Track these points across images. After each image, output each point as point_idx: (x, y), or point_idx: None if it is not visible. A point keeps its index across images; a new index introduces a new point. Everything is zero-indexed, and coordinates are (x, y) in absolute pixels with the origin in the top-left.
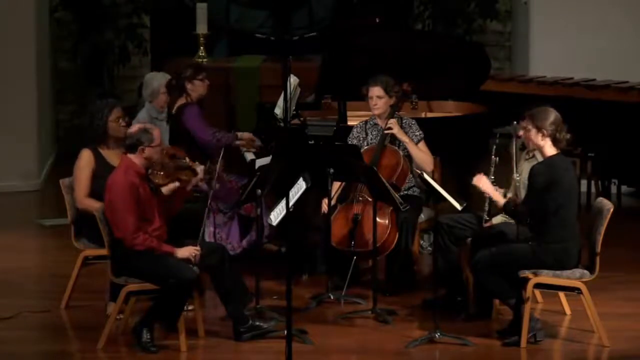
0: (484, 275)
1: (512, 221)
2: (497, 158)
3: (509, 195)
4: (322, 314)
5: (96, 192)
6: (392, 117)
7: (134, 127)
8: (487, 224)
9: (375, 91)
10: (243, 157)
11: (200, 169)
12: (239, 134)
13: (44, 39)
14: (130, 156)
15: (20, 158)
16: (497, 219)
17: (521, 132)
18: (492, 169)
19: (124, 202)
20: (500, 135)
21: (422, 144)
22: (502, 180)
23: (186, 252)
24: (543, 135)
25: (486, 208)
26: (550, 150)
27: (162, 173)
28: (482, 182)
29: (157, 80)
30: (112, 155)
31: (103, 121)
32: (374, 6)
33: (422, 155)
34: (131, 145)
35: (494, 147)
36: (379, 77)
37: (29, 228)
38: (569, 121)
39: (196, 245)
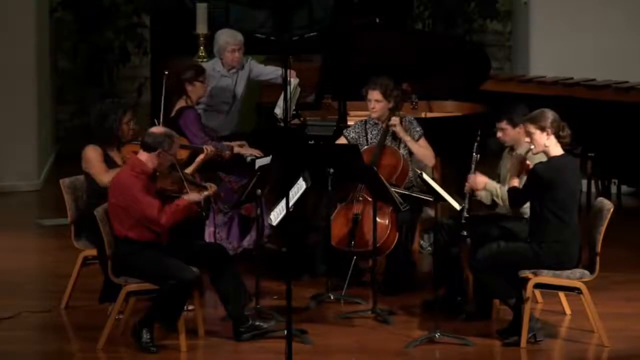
0: (484, 275)
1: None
2: (478, 155)
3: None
4: (322, 314)
5: (99, 190)
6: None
7: (159, 129)
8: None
9: (374, 95)
10: (243, 157)
11: (211, 187)
12: (235, 148)
13: (44, 39)
14: (142, 155)
15: (20, 158)
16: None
17: (499, 134)
18: (473, 167)
19: (139, 190)
20: (480, 134)
21: (422, 141)
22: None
23: (196, 195)
24: (547, 134)
25: (465, 205)
26: (555, 149)
27: (168, 178)
28: (478, 181)
29: (223, 37)
30: (117, 157)
31: (117, 123)
32: (374, 6)
33: (422, 150)
34: (150, 145)
35: (475, 144)
36: (378, 81)
37: (28, 228)
38: (569, 121)
39: (196, 244)
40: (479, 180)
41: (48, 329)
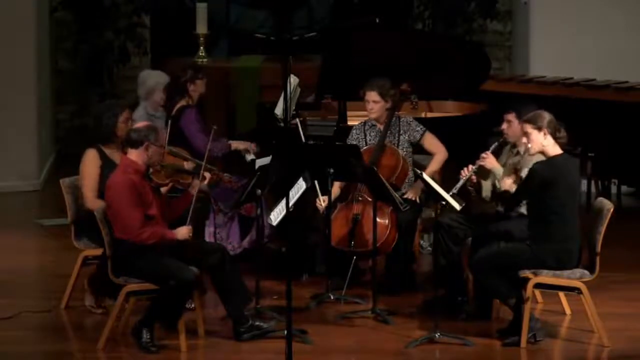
0: (484, 275)
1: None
2: (496, 144)
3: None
4: (322, 314)
5: (102, 191)
6: (391, 119)
7: (142, 124)
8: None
9: (372, 96)
10: (243, 158)
11: (207, 175)
12: (233, 144)
13: (44, 39)
14: (131, 154)
15: (20, 158)
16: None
17: (504, 126)
18: (492, 148)
19: (126, 199)
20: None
21: (430, 136)
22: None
23: (185, 232)
24: (545, 134)
25: (455, 191)
26: (554, 149)
27: (162, 172)
28: (491, 158)
29: (152, 78)
30: (116, 155)
31: (113, 121)
32: (374, 6)
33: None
34: (136, 140)
35: (498, 142)
36: (375, 82)
37: (29, 228)
38: (569, 121)
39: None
40: (493, 160)
41: (48, 329)
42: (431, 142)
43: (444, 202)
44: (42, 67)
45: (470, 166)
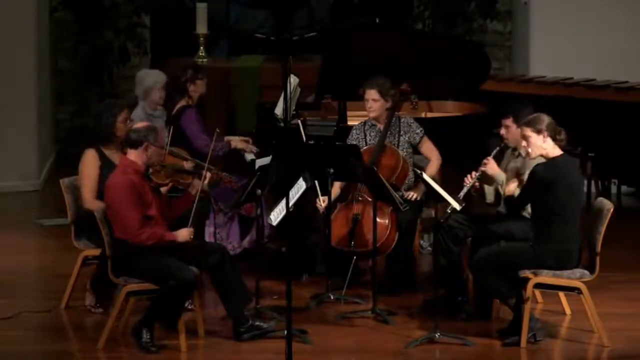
0: (484, 275)
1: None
2: (499, 148)
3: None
4: (322, 314)
5: (101, 192)
6: (391, 119)
7: (141, 124)
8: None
9: (371, 94)
10: (243, 157)
11: (207, 175)
12: (232, 142)
13: (44, 39)
14: (130, 154)
15: (20, 158)
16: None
17: (502, 131)
18: (494, 153)
19: (125, 200)
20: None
21: (426, 141)
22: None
23: (186, 234)
24: (544, 136)
25: (455, 206)
26: (554, 151)
27: (162, 173)
28: (493, 165)
29: (149, 77)
30: (115, 156)
31: (112, 121)
32: (374, 6)
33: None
34: (136, 140)
35: (499, 147)
36: (374, 80)
37: (28, 228)
38: (569, 121)
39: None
40: (494, 165)
41: (48, 329)
42: (428, 147)
43: (449, 211)
44: (42, 67)
45: (474, 173)
